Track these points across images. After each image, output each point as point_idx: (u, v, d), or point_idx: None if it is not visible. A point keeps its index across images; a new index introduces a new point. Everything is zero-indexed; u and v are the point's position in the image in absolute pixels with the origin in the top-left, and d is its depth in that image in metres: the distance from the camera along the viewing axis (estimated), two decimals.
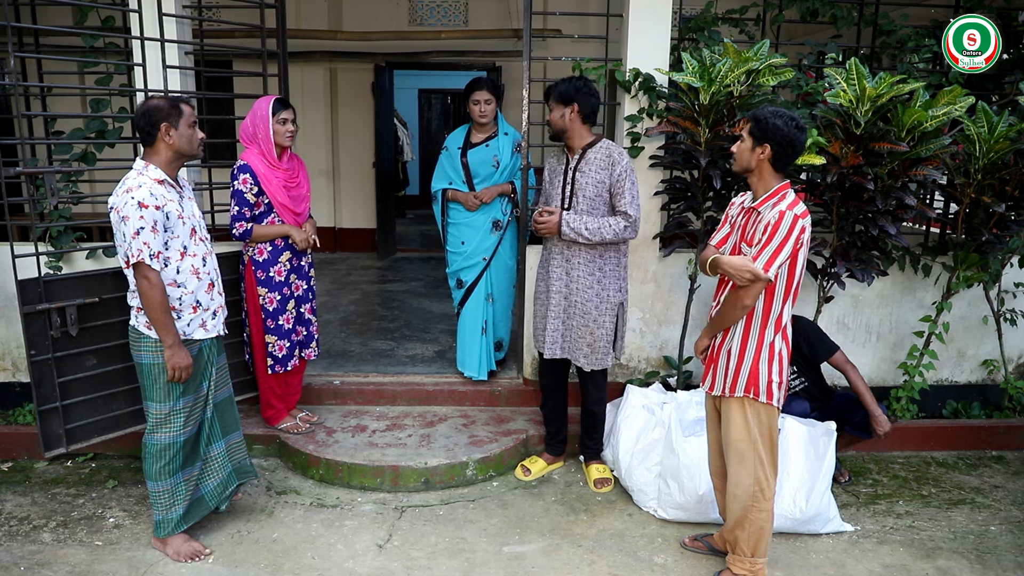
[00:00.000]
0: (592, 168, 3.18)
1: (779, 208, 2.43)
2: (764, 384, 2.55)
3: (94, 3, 3.70)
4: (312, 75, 7.50)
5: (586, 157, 3.20)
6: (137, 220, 2.55)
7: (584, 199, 3.19)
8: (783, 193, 2.49)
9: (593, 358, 3.30)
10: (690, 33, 3.93)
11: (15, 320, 3.48)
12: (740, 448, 2.60)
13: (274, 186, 3.36)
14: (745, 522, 2.64)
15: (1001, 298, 4.05)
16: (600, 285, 3.24)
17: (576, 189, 3.21)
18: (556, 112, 3.20)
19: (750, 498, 2.61)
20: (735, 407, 2.60)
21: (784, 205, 2.43)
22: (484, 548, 3.00)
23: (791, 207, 2.42)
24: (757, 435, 2.59)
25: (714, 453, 2.85)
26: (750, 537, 2.65)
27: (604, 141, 3.23)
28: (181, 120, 2.67)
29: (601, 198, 3.18)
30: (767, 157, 2.46)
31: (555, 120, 3.21)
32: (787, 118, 2.43)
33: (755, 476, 2.59)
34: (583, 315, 3.27)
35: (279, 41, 3.96)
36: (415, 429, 3.80)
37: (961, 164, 3.61)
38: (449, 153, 4.08)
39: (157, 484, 2.80)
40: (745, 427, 2.59)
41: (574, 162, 3.23)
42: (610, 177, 3.15)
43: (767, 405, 2.57)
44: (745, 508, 2.62)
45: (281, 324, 3.52)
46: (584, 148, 3.22)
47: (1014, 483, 3.66)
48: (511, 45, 7.25)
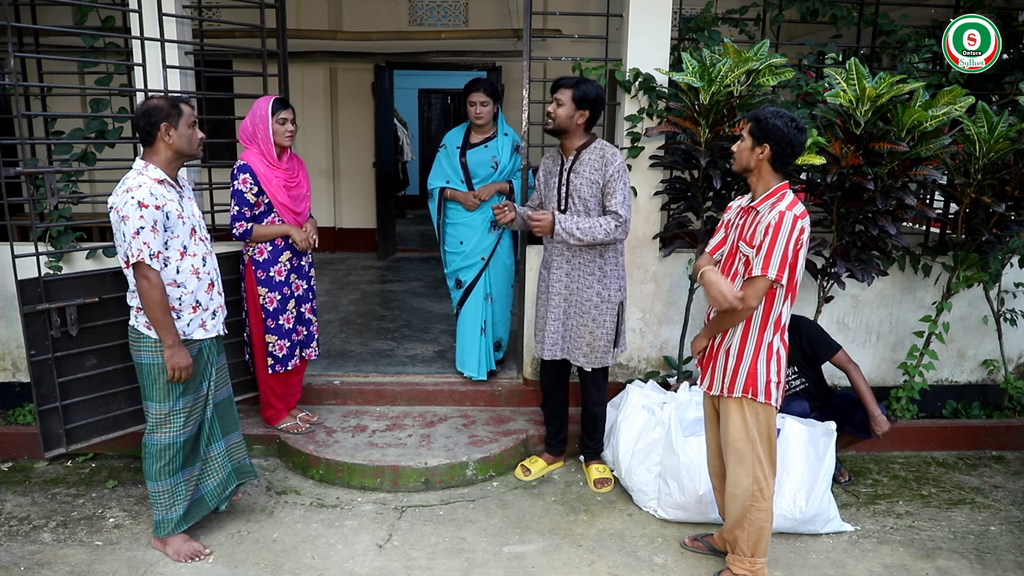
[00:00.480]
0: (586, 169, 3.17)
1: (778, 208, 2.43)
2: (762, 384, 2.55)
3: (94, 3, 3.70)
4: (312, 75, 7.50)
5: (580, 158, 3.20)
6: (137, 220, 2.55)
7: (579, 200, 3.19)
8: (782, 193, 2.49)
9: (593, 357, 3.30)
10: (690, 33, 3.93)
11: (15, 320, 3.48)
12: (739, 448, 2.61)
13: (274, 186, 3.36)
14: (744, 522, 2.64)
15: (1001, 298, 4.05)
16: (601, 284, 3.24)
17: (571, 190, 3.20)
18: (566, 110, 3.14)
19: (749, 498, 2.61)
20: (733, 407, 2.61)
21: (783, 205, 2.44)
22: (484, 548, 3.00)
23: (790, 207, 2.43)
24: (755, 435, 2.59)
25: (713, 453, 2.86)
26: (749, 537, 2.65)
27: (598, 141, 3.22)
28: (181, 120, 2.67)
29: (596, 198, 3.18)
30: (767, 157, 2.46)
31: (562, 118, 3.15)
32: (787, 118, 2.43)
33: (754, 476, 2.60)
34: (583, 315, 3.26)
35: (279, 41, 3.96)
36: (415, 429, 3.80)
37: (961, 164, 3.61)
38: (447, 152, 4.08)
39: (157, 484, 2.80)
40: (744, 427, 2.59)
41: (569, 163, 3.23)
42: (603, 177, 3.14)
43: (765, 405, 2.57)
44: (744, 508, 2.63)
45: (281, 324, 3.52)
46: (579, 149, 3.21)
47: (1014, 483, 3.66)
48: (511, 45, 7.25)
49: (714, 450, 2.84)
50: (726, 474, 2.70)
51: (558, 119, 3.16)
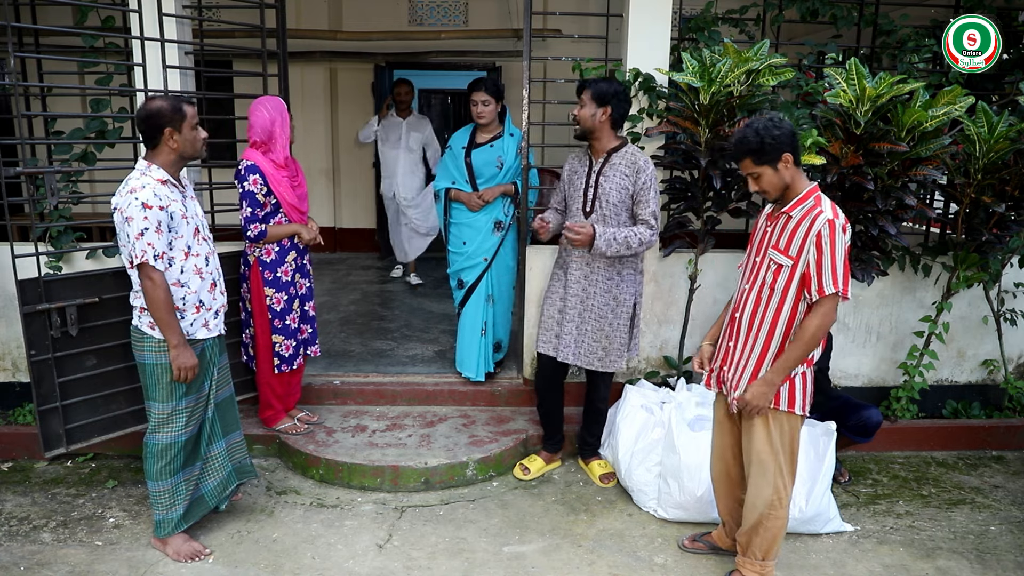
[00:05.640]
0: (617, 174, 3.15)
1: (825, 216, 2.35)
2: (786, 394, 2.50)
3: (94, 3, 3.70)
4: (312, 75, 7.50)
5: (611, 161, 3.17)
6: (141, 221, 2.55)
7: (607, 204, 3.16)
8: (817, 195, 2.43)
9: (607, 360, 3.29)
10: (690, 33, 3.93)
11: (15, 320, 3.48)
12: (762, 459, 2.57)
13: (282, 186, 3.36)
14: (760, 528, 2.62)
15: (1001, 298, 4.05)
16: (618, 289, 3.24)
17: (600, 194, 3.18)
18: (588, 109, 3.13)
19: (768, 507, 2.58)
20: (759, 418, 2.56)
21: (829, 212, 2.36)
22: (484, 548, 3.00)
23: (835, 215, 2.36)
24: (779, 446, 2.55)
25: (717, 457, 2.82)
26: (763, 542, 2.64)
27: (629, 147, 3.20)
28: (184, 123, 2.66)
29: (624, 204, 3.16)
30: (790, 163, 2.42)
31: (585, 118, 3.14)
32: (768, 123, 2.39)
33: (775, 486, 2.57)
34: (599, 319, 3.25)
35: (279, 41, 3.96)
36: (415, 429, 3.79)
37: (961, 164, 3.60)
38: (453, 152, 4.08)
39: (158, 484, 2.80)
40: (768, 438, 2.55)
41: (598, 165, 3.20)
42: (634, 185, 3.13)
43: (791, 414, 2.53)
44: (762, 516, 2.60)
45: (288, 324, 3.52)
46: (609, 152, 3.19)
47: (1014, 483, 3.66)
48: (511, 45, 7.25)
49: (719, 455, 2.81)
50: (746, 483, 2.66)
51: (582, 120, 3.16)
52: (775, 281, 2.46)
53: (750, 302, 2.55)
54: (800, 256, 2.40)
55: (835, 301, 2.39)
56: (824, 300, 2.39)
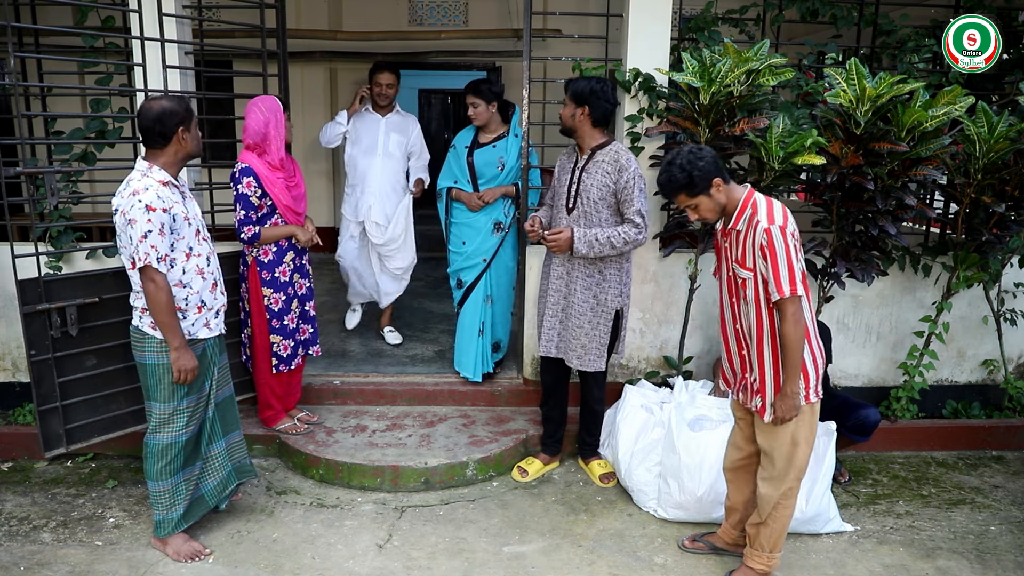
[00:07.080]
0: (599, 171, 3.16)
1: (763, 227, 2.39)
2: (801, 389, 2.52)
3: (94, 3, 3.70)
4: (312, 75, 7.49)
5: (595, 159, 3.19)
6: (144, 223, 2.54)
7: (588, 201, 3.18)
8: (753, 202, 2.46)
9: (586, 359, 3.29)
10: (690, 33, 3.92)
11: (15, 320, 3.48)
12: (783, 452, 2.59)
13: (277, 188, 3.36)
14: (770, 520, 2.66)
15: (1001, 298, 4.05)
16: (599, 288, 3.23)
17: (581, 190, 3.20)
18: (568, 109, 3.19)
19: (783, 496, 2.62)
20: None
21: (765, 221, 2.39)
22: (484, 548, 3.00)
23: (771, 220, 2.39)
24: (800, 439, 2.58)
25: (733, 447, 2.83)
26: (772, 534, 2.68)
27: (614, 144, 3.20)
28: (192, 122, 2.70)
29: (605, 201, 3.16)
30: (721, 186, 2.46)
31: (565, 117, 3.21)
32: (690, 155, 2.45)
33: (795, 476, 2.61)
34: (579, 316, 3.26)
35: (279, 41, 3.96)
36: (415, 429, 3.79)
37: (961, 164, 3.60)
38: (456, 152, 4.08)
39: (158, 484, 2.80)
40: (791, 432, 2.57)
41: (583, 162, 3.22)
42: (615, 183, 3.12)
43: (808, 404, 2.55)
44: (773, 508, 2.64)
45: (286, 324, 3.52)
46: (593, 149, 3.21)
47: (1014, 483, 3.66)
48: (511, 45, 7.25)
49: (736, 444, 2.81)
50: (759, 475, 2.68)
51: (563, 119, 3.23)
52: (746, 293, 2.52)
53: (740, 312, 2.59)
54: (756, 266, 2.45)
55: (795, 302, 2.41)
56: (783, 304, 2.41)
